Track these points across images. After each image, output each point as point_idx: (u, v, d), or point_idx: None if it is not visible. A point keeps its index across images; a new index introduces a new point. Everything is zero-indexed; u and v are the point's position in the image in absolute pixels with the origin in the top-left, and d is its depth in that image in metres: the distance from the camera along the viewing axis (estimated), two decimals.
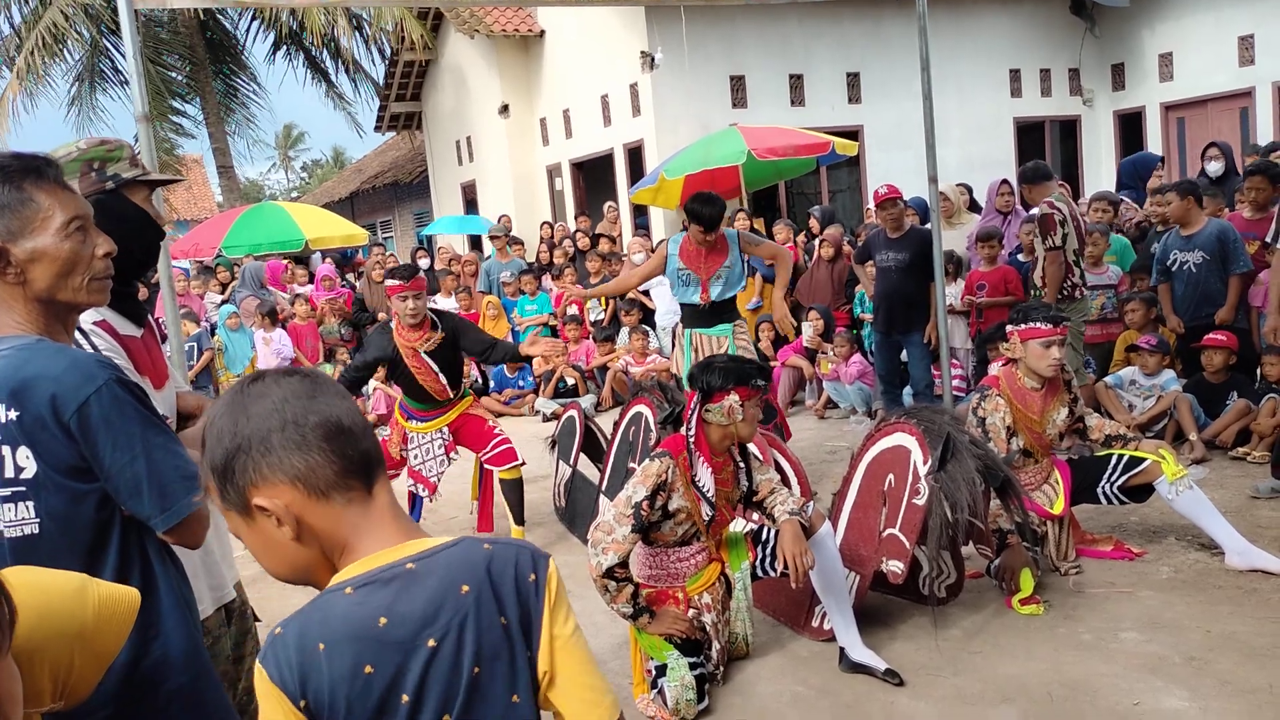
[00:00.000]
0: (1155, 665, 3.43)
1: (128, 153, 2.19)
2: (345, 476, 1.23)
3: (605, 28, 13.12)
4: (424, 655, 1.21)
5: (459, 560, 1.25)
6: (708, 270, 5.48)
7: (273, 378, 1.25)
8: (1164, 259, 6.50)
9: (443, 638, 1.21)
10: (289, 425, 1.20)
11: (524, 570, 1.28)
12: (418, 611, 1.21)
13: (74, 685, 1.36)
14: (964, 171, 11.80)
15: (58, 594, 1.36)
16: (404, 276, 5.08)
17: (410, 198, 21.49)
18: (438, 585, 1.22)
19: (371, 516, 1.25)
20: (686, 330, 5.63)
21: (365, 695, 1.20)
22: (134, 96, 4.54)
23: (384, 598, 1.21)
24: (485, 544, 1.29)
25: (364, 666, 1.20)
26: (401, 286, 5.03)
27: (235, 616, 2.24)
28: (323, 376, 1.28)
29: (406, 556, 1.23)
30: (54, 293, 1.74)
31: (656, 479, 3.40)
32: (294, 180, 53.10)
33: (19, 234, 1.70)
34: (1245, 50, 13.21)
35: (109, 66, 18.72)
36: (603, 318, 10.33)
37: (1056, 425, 4.43)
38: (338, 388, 1.26)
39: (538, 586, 1.29)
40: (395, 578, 1.22)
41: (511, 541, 1.33)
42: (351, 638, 1.20)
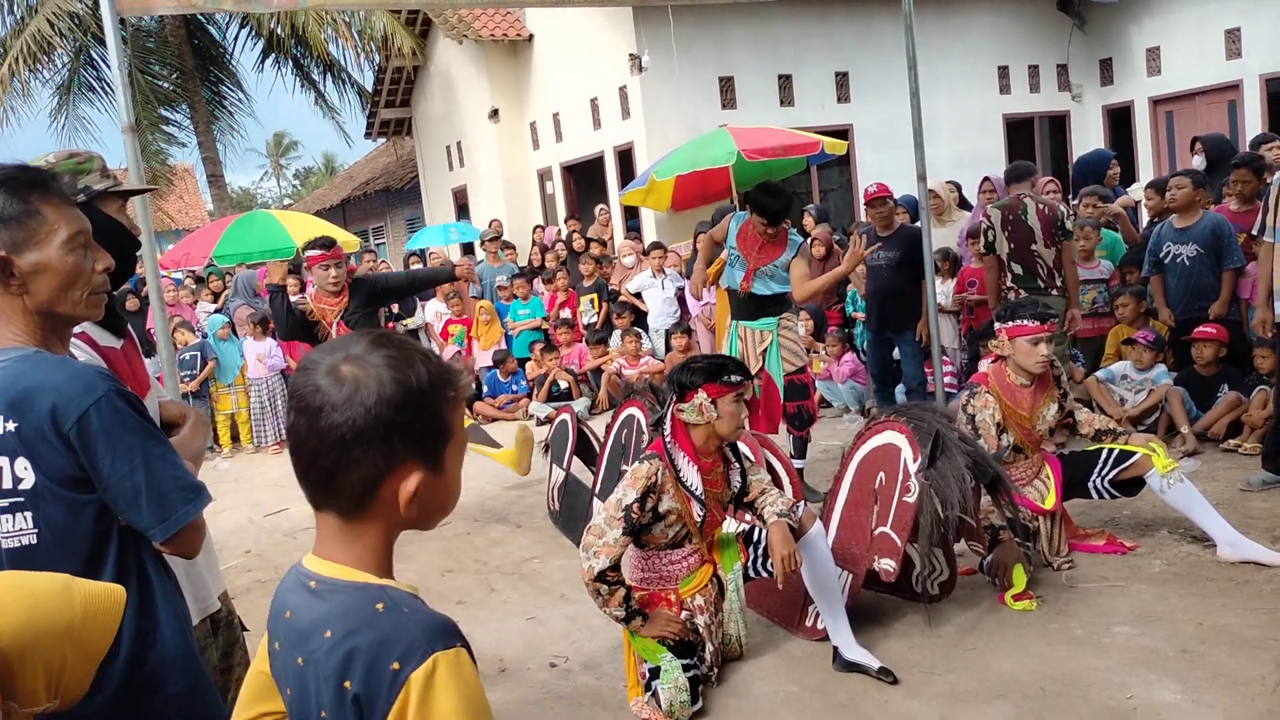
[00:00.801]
0: (1148, 658, 3.44)
1: (98, 164, 2.19)
2: (299, 479, 1.25)
3: (593, 31, 13.13)
4: (295, 667, 1.22)
5: (343, 605, 1.19)
6: (757, 260, 5.41)
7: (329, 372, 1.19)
8: (1156, 250, 6.51)
9: (306, 662, 1.20)
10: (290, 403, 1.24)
11: (389, 653, 1.13)
12: (301, 627, 1.22)
13: (67, 683, 1.37)
14: (954, 169, 11.82)
15: (43, 593, 1.36)
16: (324, 246, 5.42)
17: (402, 204, 21.48)
18: (318, 615, 1.20)
19: (320, 526, 1.27)
20: (734, 321, 5.60)
21: (273, 667, 1.29)
22: (120, 107, 4.51)
23: (296, 597, 1.25)
24: (380, 604, 1.18)
25: (275, 642, 1.27)
26: (323, 256, 5.37)
27: (222, 627, 2.24)
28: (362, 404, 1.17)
29: (316, 574, 1.23)
30: (54, 305, 1.75)
31: (646, 481, 3.40)
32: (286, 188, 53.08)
33: (23, 246, 1.71)
34: (1232, 44, 13.24)
35: (94, 76, 18.66)
36: (595, 320, 10.32)
37: (1046, 421, 4.44)
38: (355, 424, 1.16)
39: (395, 679, 1.11)
40: (303, 586, 1.24)
41: (413, 620, 1.17)
42: (275, 612, 1.28)
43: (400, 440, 1.18)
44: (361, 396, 1.16)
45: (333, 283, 5.35)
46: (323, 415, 1.16)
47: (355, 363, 1.18)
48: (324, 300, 5.41)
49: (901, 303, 6.92)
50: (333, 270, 5.35)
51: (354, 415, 1.16)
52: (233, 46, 20.53)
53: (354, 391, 1.16)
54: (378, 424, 1.16)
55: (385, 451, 1.17)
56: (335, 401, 1.16)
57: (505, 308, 10.60)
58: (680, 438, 3.53)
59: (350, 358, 1.19)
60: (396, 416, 1.17)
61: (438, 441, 1.23)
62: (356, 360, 1.19)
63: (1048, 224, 6.23)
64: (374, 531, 1.24)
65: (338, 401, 1.16)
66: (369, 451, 1.17)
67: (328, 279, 5.35)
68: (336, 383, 1.17)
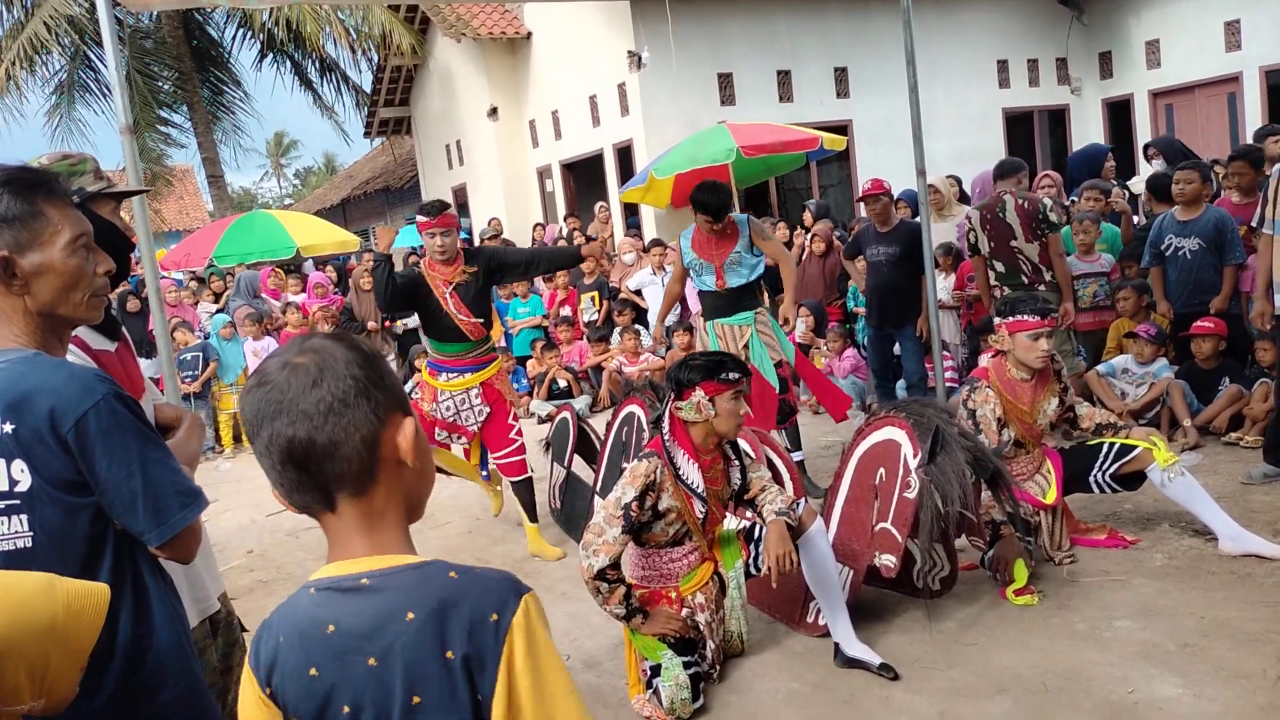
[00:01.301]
0: (1149, 653, 3.44)
1: (91, 165, 2.19)
2: (292, 494, 1.24)
3: (591, 28, 13.12)
4: (363, 671, 1.20)
5: (413, 585, 1.21)
6: (720, 257, 5.49)
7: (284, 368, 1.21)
8: (1158, 242, 6.48)
9: (382, 658, 1.19)
10: (256, 426, 1.22)
11: (484, 608, 1.19)
12: (363, 628, 1.20)
13: (52, 682, 1.37)
14: (954, 163, 11.81)
15: (25, 591, 1.36)
16: (430, 212, 5.09)
17: (402, 203, 21.48)
18: (385, 606, 1.20)
19: (337, 528, 1.26)
20: (708, 322, 5.63)
21: (309, 696, 1.23)
22: (117, 108, 4.50)
23: (336, 607, 1.22)
24: (452, 572, 1.22)
25: (310, 668, 1.22)
26: (428, 223, 5.06)
27: (221, 628, 2.24)
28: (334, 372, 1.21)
29: (364, 571, 1.22)
30: (55, 307, 1.75)
31: (645, 479, 3.40)
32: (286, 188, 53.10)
33: (27, 247, 1.71)
34: (1232, 36, 13.23)
35: (91, 77, 18.64)
36: (596, 318, 10.32)
37: (1047, 415, 4.43)
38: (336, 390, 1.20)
39: (499, 629, 1.18)
40: (350, 590, 1.22)
41: (487, 575, 1.24)
42: (303, 636, 1.23)
43: (379, 392, 1.22)
44: (330, 366, 1.21)
45: (440, 251, 5.09)
46: (302, 399, 1.19)
47: (303, 353, 1.22)
48: (435, 268, 5.15)
49: (901, 298, 6.91)
50: (438, 238, 5.07)
51: (332, 383, 1.19)
52: (231, 46, 20.52)
53: (321, 366, 1.20)
54: (355, 383, 1.20)
55: (371, 406, 1.21)
56: (308, 381, 1.20)
57: (505, 306, 10.59)
58: (679, 435, 3.53)
59: (297, 352, 1.23)
60: (367, 372, 1.22)
61: (403, 394, 1.27)
62: (303, 351, 1.23)
63: (1027, 219, 6.19)
64: (391, 508, 1.26)
65: (311, 380, 1.20)
66: (359, 410, 1.20)
67: (435, 247, 5.09)
68: (299, 370, 1.20)
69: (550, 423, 6.58)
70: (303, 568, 5.62)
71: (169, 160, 19.94)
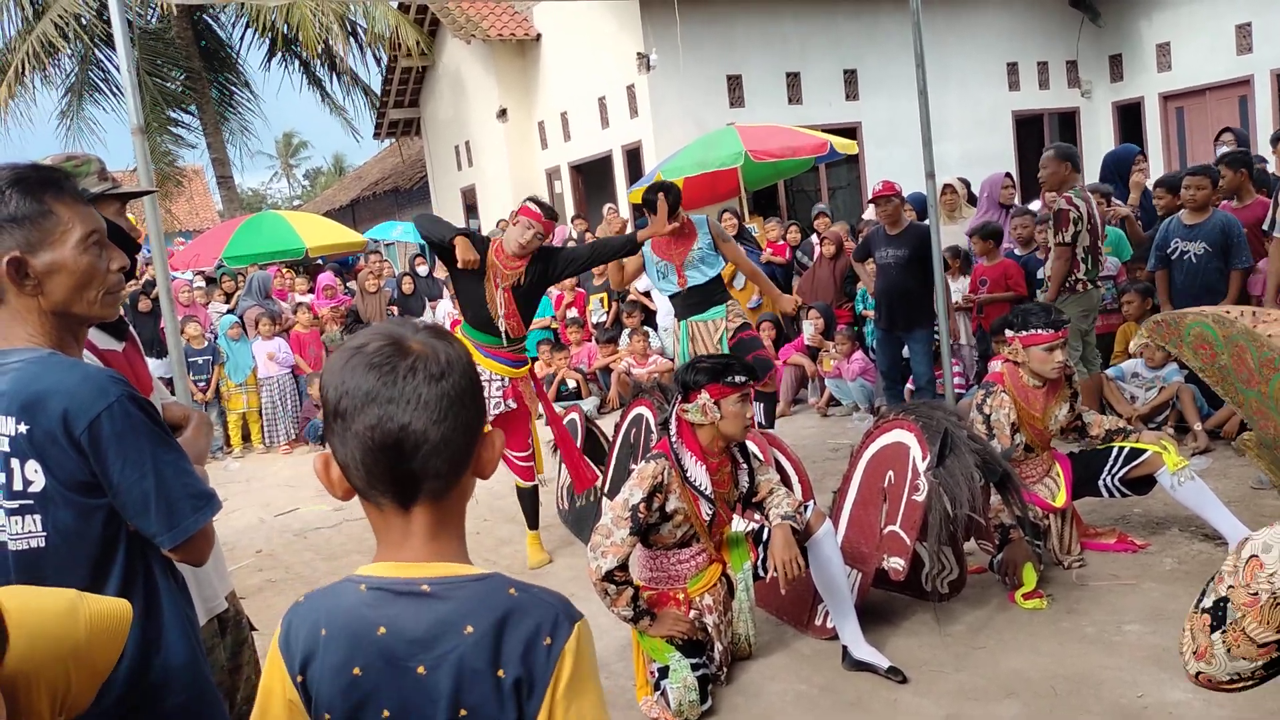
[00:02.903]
0: (1159, 657, 3.42)
1: (96, 166, 2.20)
2: (371, 488, 1.20)
3: (601, 30, 13.13)
4: (411, 679, 1.18)
5: (475, 598, 1.20)
6: (679, 256, 5.54)
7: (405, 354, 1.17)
8: (1164, 246, 6.44)
9: (433, 669, 1.18)
10: (361, 405, 1.16)
11: (540, 631, 1.18)
12: (417, 634, 1.18)
13: (72, 702, 1.36)
14: (964, 166, 11.78)
15: (50, 614, 1.34)
16: (545, 213, 4.98)
17: (411, 204, 21.51)
18: (444, 616, 1.18)
19: (399, 528, 1.22)
20: (681, 322, 5.66)
21: (348, 695, 1.20)
22: (129, 109, 4.53)
23: (390, 609, 1.20)
24: (511, 589, 1.21)
25: (353, 667, 1.20)
26: (535, 215, 4.92)
27: (230, 626, 2.24)
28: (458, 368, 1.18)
29: (425, 577, 1.20)
30: (69, 305, 1.74)
31: (653, 481, 3.40)
32: (296, 189, 53.21)
33: (38, 246, 1.70)
34: (1243, 38, 13.18)
35: (100, 78, 18.71)
36: (605, 319, 10.32)
37: (1059, 421, 4.43)
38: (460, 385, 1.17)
39: (550, 653, 1.17)
40: (407, 594, 1.20)
41: (544, 596, 1.23)
42: (349, 634, 1.20)
43: (476, 400, 1.22)
44: (453, 360, 1.18)
45: (523, 245, 4.89)
46: (427, 387, 1.15)
47: (419, 342, 1.19)
48: (502, 257, 4.98)
49: (910, 301, 6.88)
50: (531, 232, 4.90)
51: (457, 378, 1.18)
52: (239, 46, 20.59)
53: (448, 359, 1.18)
54: (472, 383, 1.20)
55: (477, 410, 1.21)
56: (435, 371, 1.16)
57: None
58: (686, 438, 3.53)
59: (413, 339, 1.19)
60: (474, 376, 1.22)
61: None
62: (418, 340, 1.19)
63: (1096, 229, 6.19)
64: (458, 517, 1.25)
65: (438, 371, 1.16)
66: (471, 410, 1.19)
67: (524, 238, 4.89)
68: (421, 358, 1.17)
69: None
70: (311, 568, 5.63)
71: (179, 161, 20.00)
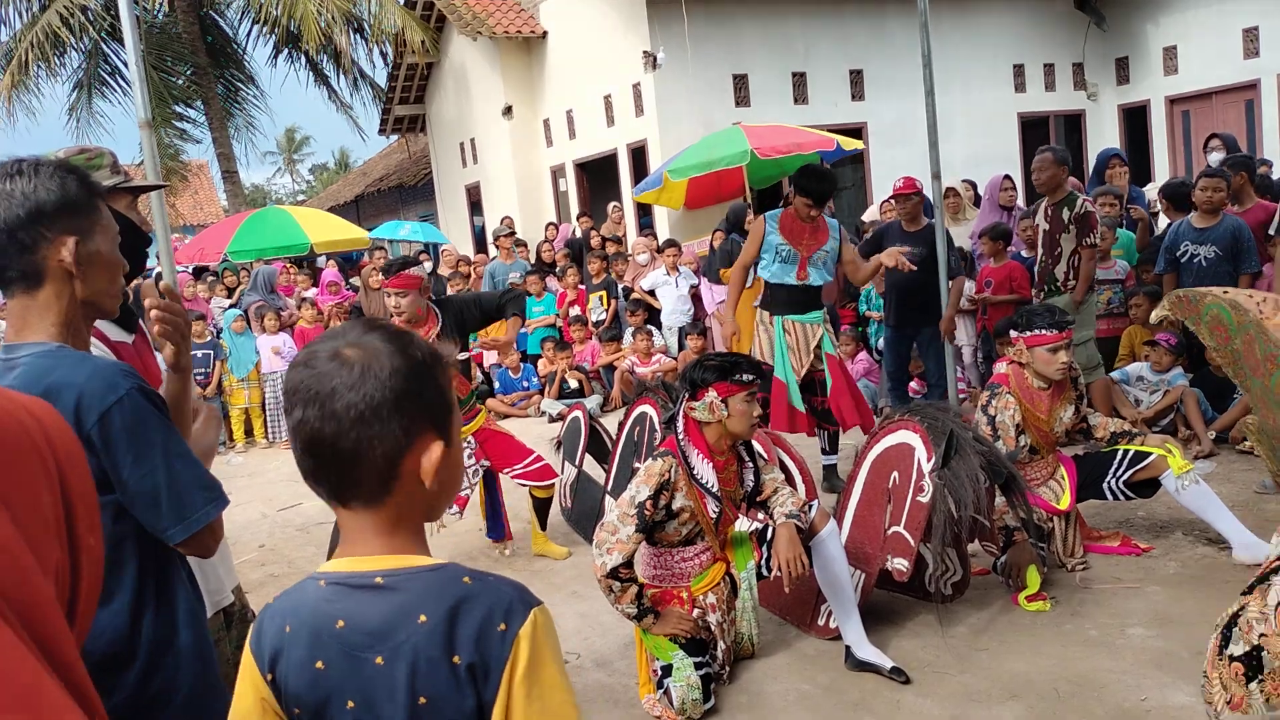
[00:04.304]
0: (1162, 661, 3.42)
1: (108, 160, 2.20)
2: (308, 480, 1.23)
3: (607, 28, 13.13)
4: (370, 669, 1.20)
5: (428, 588, 1.21)
6: (810, 248, 5.36)
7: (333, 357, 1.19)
8: (1173, 248, 6.43)
9: (390, 659, 1.19)
10: (290, 404, 1.20)
11: (494, 617, 1.19)
12: (373, 626, 1.20)
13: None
14: (970, 167, 11.78)
15: None
16: (389, 272, 4.82)
17: (415, 200, 21.52)
18: (398, 606, 1.20)
19: (357, 526, 1.25)
20: (776, 317, 5.45)
21: (314, 688, 1.23)
22: (136, 103, 4.53)
23: (347, 603, 1.22)
24: (466, 577, 1.22)
25: (316, 661, 1.22)
26: (385, 283, 4.80)
27: (235, 620, 2.24)
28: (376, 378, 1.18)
29: (378, 570, 1.22)
30: (98, 297, 1.76)
31: (659, 478, 3.40)
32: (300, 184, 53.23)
33: (88, 234, 1.72)
34: (1250, 43, 13.16)
35: (108, 71, 18.71)
36: (604, 318, 10.32)
37: (1063, 423, 4.42)
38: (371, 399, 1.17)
39: (505, 638, 1.18)
40: (361, 587, 1.22)
41: (500, 583, 1.24)
42: (310, 629, 1.23)
43: (415, 409, 1.20)
44: (375, 371, 1.18)
45: (397, 312, 4.71)
46: (336, 397, 1.17)
47: (356, 346, 1.20)
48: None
49: (921, 300, 6.83)
50: (393, 299, 4.74)
51: (370, 391, 1.17)
52: (245, 42, 20.57)
53: (365, 369, 1.18)
54: (393, 396, 1.18)
55: (403, 424, 1.19)
56: (348, 382, 1.17)
57: None
58: (694, 436, 3.52)
59: (350, 343, 1.20)
60: (408, 386, 1.19)
61: (446, 411, 1.25)
62: (356, 344, 1.20)
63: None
64: (407, 516, 1.25)
65: (351, 381, 1.17)
66: (389, 425, 1.18)
67: (392, 307, 4.74)
68: (344, 365, 1.18)
69: (561, 422, 6.58)
70: (314, 563, 5.63)
71: (184, 156, 20.00)
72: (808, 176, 5.30)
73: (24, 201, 1.65)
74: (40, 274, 1.69)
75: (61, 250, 1.68)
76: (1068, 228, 6.01)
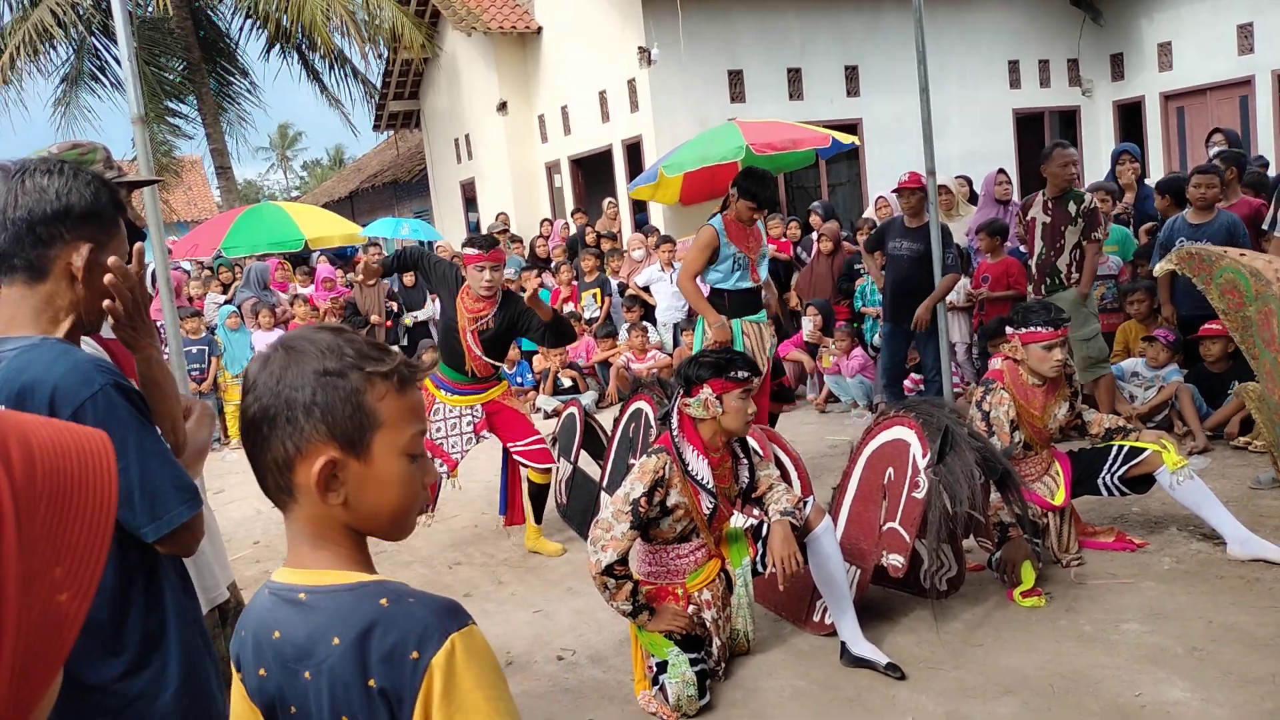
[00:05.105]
0: (1157, 656, 3.43)
1: (101, 155, 2.19)
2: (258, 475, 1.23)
3: (602, 24, 13.11)
4: (301, 682, 1.19)
5: (343, 609, 1.17)
6: (753, 250, 5.41)
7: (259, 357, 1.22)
8: (1169, 244, 6.44)
9: (315, 675, 1.18)
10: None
11: (406, 643, 1.13)
12: (298, 641, 1.19)
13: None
14: (966, 164, 11.78)
15: None
16: (483, 246, 4.88)
17: (410, 196, 21.49)
18: (316, 626, 1.18)
19: (292, 534, 1.24)
20: (735, 320, 5.43)
21: (261, 693, 1.24)
22: (129, 99, 4.50)
23: (280, 615, 1.21)
24: (384, 599, 1.17)
25: (259, 668, 1.23)
26: (480, 256, 4.84)
27: (231, 617, 2.23)
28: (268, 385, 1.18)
29: (302, 585, 1.21)
30: (90, 311, 1.76)
31: (654, 475, 3.40)
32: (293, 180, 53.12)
33: (103, 247, 1.73)
34: (1244, 39, 13.17)
35: (97, 67, 18.62)
36: (598, 316, 10.30)
37: (1057, 420, 4.43)
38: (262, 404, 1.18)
39: (417, 666, 1.12)
40: (290, 602, 1.21)
41: (418, 607, 1.16)
42: (254, 636, 1.24)
43: (306, 418, 1.16)
44: (270, 376, 1.18)
45: (486, 287, 4.87)
46: (246, 396, 1.20)
47: (284, 346, 1.20)
48: (467, 300, 4.97)
49: (920, 295, 6.80)
50: (487, 272, 4.86)
51: (260, 395, 1.18)
52: (238, 37, 20.51)
53: (270, 371, 1.19)
54: (281, 402, 1.17)
55: (291, 431, 1.16)
56: (253, 384, 1.19)
57: None
58: (689, 432, 3.52)
59: (285, 343, 1.21)
60: (299, 395, 1.17)
61: (355, 425, 1.18)
62: (287, 344, 1.20)
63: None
64: (329, 528, 1.22)
65: (255, 383, 1.19)
66: (275, 432, 1.17)
67: (482, 281, 4.87)
68: (264, 365, 1.20)
69: (556, 418, 6.58)
70: None
71: (177, 151, 19.94)
72: (751, 180, 5.23)
73: (56, 200, 1.68)
74: (46, 269, 1.70)
75: (74, 254, 1.69)
76: (1075, 221, 6.03)
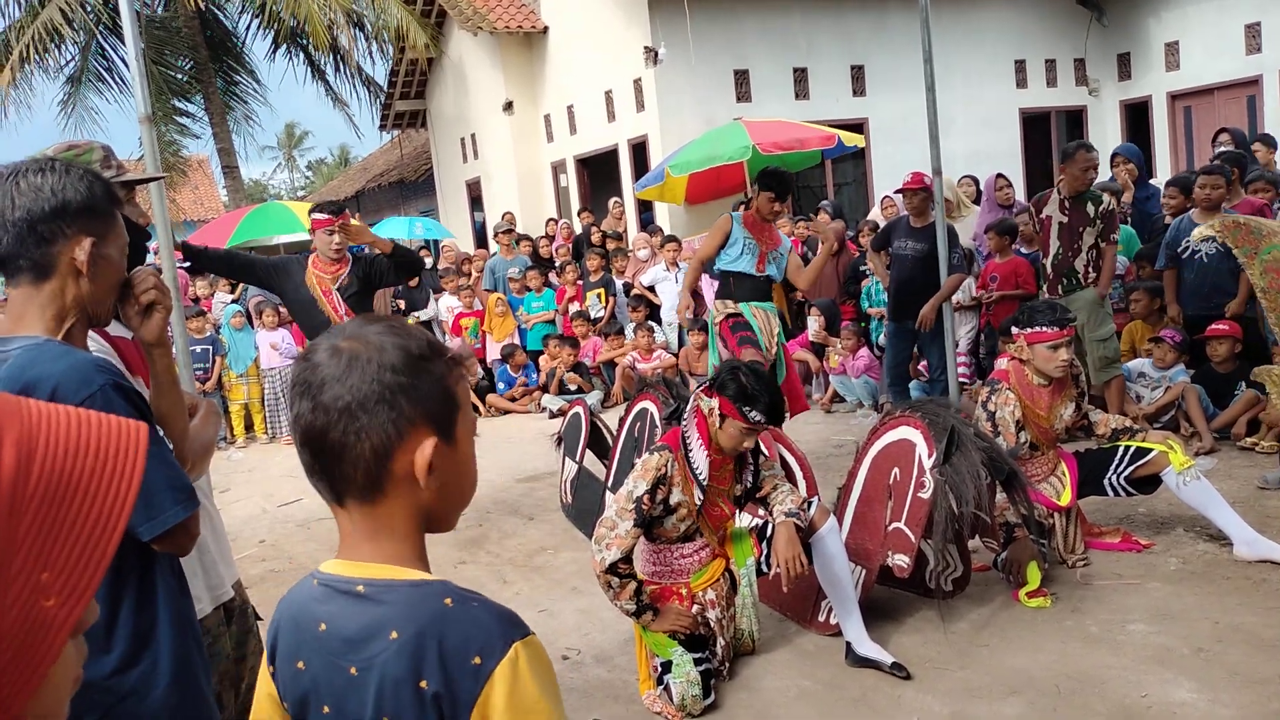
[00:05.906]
0: (1163, 657, 3.42)
1: (98, 154, 2.19)
2: (310, 476, 1.21)
3: (608, 23, 13.11)
4: (345, 678, 1.17)
5: (405, 604, 1.15)
6: (769, 244, 5.75)
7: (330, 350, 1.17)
8: (1175, 244, 6.43)
9: (363, 670, 1.15)
10: (291, 398, 1.19)
11: (468, 648, 1.10)
12: (350, 634, 1.16)
13: None
14: (972, 164, 11.77)
15: None
16: (332, 211, 5.22)
17: (416, 196, 21.50)
18: (374, 619, 1.15)
19: (345, 524, 1.22)
20: (742, 304, 5.78)
21: (295, 687, 1.22)
22: (137, 98, 4.52)
23: (330, 607, 1.19)
24: (449, 599, 1.15)
25: (298, 660, 1.21)
26: (329, 220, 5.14)
27: (236, 615, 2.23)
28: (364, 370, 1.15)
29: (362, 578, 1.18)
30: (95, 302, 1.76)
31: (656, 472, 3.40)
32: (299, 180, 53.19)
33: (104, 239, 1.75)
34: (1252, 38, 13.14)
35: (104, 66, 18.64)
36: (603, 316, 10.30)
37: (1063, 420, 4.42)
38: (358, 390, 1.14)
39: (478, 673, 1.09)
40: (345, 593, 1.19)
41: (484, 612, 1.15)
42: (296, 627, 1.22)
43: (407, 403, 1.15)
44: (362, 362, 1.15)
45: (335, 249, 5.13)
46: (325, 389, 1.14)
47: (353, 338, 1.18)
48: (319, 266, 5.19)
49: (925, 295, 6.80)
50: (336, 235, 5.14)
51: (355, 381, 1.14)
52: (245, 37, 20.51)
53: (353, 359, 1.15)
54: (381, 387, 1.14)
55: (393, 416, 1.14)
56: (336, 374, 1.15)
57: (518, 300, 10.60)
58: (700, 423, 3.52)
59: (348, 336, 1.19)
60: (399, 378, 1.15)
61: (446, 407, 1.19)
62: (353, 336, 1.18)
63: None
64: (401, 521, 1.20)
65: (338, 373, 1.15)
66: (376, 417, 1.14)
67: (330, 244, 5.13)
68: (335, 356, 1.16)
69: (562, 418, 6.58)
70: (314, 558, 5.63)
71: (184, 151, 19.95)
72: (770, 176, 5.70)
73: (51, 197, 1.69)
74: (50, 267, 1.71)
75: (76, 249, 1.71)
76: (1094, 222, 6.03)
